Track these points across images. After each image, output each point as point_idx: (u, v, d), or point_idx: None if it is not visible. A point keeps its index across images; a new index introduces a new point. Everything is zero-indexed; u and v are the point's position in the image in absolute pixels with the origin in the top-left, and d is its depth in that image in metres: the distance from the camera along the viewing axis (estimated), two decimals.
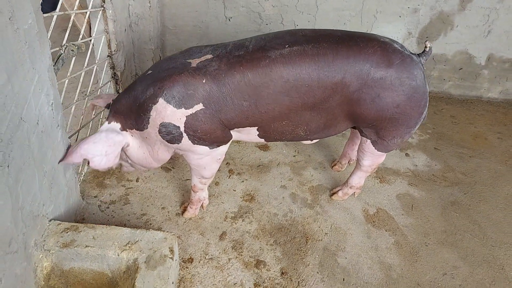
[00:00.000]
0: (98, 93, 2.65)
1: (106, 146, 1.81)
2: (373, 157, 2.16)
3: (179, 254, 1.98)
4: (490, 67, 3.48)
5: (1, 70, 1.28)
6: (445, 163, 2.83)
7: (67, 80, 2.06)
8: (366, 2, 3.18)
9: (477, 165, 2.85)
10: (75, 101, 2.20)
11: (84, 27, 2.31)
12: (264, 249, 2.08)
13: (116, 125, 1.89)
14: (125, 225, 2.12)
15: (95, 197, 2.28)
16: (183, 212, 2.25)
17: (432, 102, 3.59)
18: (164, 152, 2.00)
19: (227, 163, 2.64)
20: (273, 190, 2.46)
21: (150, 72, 1.87)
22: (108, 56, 2.79)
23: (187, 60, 1.83)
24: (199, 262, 1.98)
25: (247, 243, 2.10)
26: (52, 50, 1.73)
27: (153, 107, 1.77)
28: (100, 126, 1.94)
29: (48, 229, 1.71)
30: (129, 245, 1.68)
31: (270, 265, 2.00)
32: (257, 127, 1.93)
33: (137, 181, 2.42)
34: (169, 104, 1.76)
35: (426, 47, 1.91)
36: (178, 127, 1.81)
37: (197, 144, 1.89)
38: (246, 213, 2.28)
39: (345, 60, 1.78)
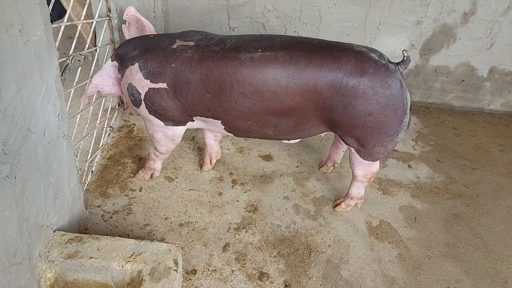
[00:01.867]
0: (103, 103, 2.66)
1: (112, 78, 2.09)
2: (363, 166, 2.18)
3: (182, 265, 1.98)
4: (492, 80, 3.49)
5: (11, 82, 1.29)
6: (448, 175, 2.84)
7: (73, 90, 2.07)
8: (370, 14, 3.20)
9: (479, 177, 2.85)
10: (80, 110, 2.21)
11: (90, 37, 2.32)
12: (267, 261, 2.08)
13: (116, 64, 2.10)
14: (128, 236, 2.11)
15: (98, 206, 2.27)
16: (135, 174, 2.51)
17: (434, 113, 3.60)
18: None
19: (230, 173, 2.65)
20: (276, 201, 2.46)
21: (151, 37, 2.08)
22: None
23: (175, 39, 1.99)
24: (202, 273, 1.97)
25: (250, 255, 2.10)
26: (59, 60, 1.74)
27: (129, 66, 1.98)
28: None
29: (52, 240, 1.71)
30: (134, 257, 1.68)
31: (274, 277, 2.00)
32: (220, 121, 2.06)
33: (140, 190, 2.42)
34: (141, 71, 1.96)
35: (404, 56, 1.90)
36: (140, 94, 2.01)
37: (152, 116, 2.08)
38: (249, 224, 2.28)
39: (318, 69, 1.82)
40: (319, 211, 2.42)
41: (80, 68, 2.13)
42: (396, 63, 1.90)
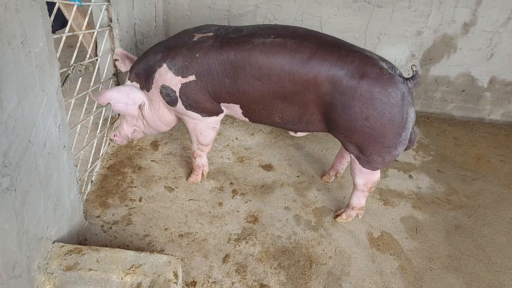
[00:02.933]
0: (103, 112, 2.66)
1: (127, 97, 2.16)
2: (363, 175, 2.18)
3: (182, 277, 1.96)
4: (492, 90, 3.50)
5: (12, 94, 1.28)
6: (449, 186, 2.83)
7: (73, 100, 2.07)
8: (370, 24, 3.22)
9: (480, 188, 2.84)
10: (80, 120, 2.20)
11: (91, 47, 2.32)
12: (268, 272, 2.06)
13: (136, 85, 2.23)
14: (128, 246, 2.10)
15: (97, 217, 2.26)
16: (187, 178, 2.60)
17: (435, 123, 3.60)
18: (168, 115, 2.31)
19: (230, 183, 2.64)
20: (277, 211, 2.45)
21: (166, 40, 2.22)
22: (113, 74, 2.80)
23: (194, 34, 2.12)
24: (202, 285, 1.95)
25: (250, 267, 2.08)
26: (60, 71, 1.74)
27: (157, 69, 2.10)
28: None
29: (51, 252, 1.70)
30: (133, 269, 1.67)
31: None
32: (239, 105, 2.16)
33: (140, 201, 2.41)
34: (170, 70, 2.08)
35: (413, 71, 1.89)
36: (175, 92, 2.12)
37: (189, 110, 2.19)
38: (249, 235, 2.27)
39: (320, 62, 1.90)
40: (320, 222, 2.41)
41: (81, 78, 2.13)
42: (406, 78, 1.89)
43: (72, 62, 2.01)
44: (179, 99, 2.15)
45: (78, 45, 2.10)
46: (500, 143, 3.41)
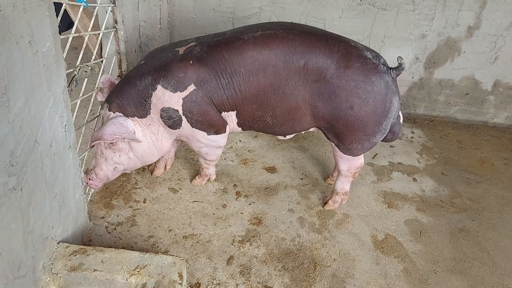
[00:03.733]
0: None
1: (124, 127, 2.00)
2: (345, 161, 2.27)
3: (186, 278, 1.95)
4: (496, 93, 3.50)
5: (19, 93, 1.29)
6: (453, 189, 2.82)
7: (79, 101, 2.07)
8: (375, 27, 3.22)
9: (484, 191, 2.83)
10: (85, 121, 2.20)
11: (96, 48, 2.33)
12: (272, 274, 2.06)
13: (120, 114, 2.07)
14: (132, 248, 2.09)
15: (102, 218, 2.26)
16: (191, 180, 2.56)
17: (439, 126, 3.60)
18: (166, 140, 2.19)
19: (234, 185, 2.63)
20: (281, 213, 2.45)
21: (143, 62, 2.10)
22: (118, 76, 2.80)
23: (175, 49, 2.06)
24: (207, 287, 1.95)
25: (254, 268, 2.08)
26: (66, 71, 1.74)
27: (152, 94, 1.99)
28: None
29: (56, 252, 1.69)
30: (138, 270, 1.66)
31: None
32: (235, 112, 2.12)
33: (144, 202, 2.41)
34: (167, 89, 1.98)
35: (398, 62, 1.98)
36: (177, 111, 2.02)
37: (195, 128, 2.10)
38: (253, 237, 2.26)
39: (309, 49, 1.94)
40: (324, 224, 2.40)
41: (86, 79, 2.13)
42: (391, 67, 1.98)
43: (78, 63, 2.01)
44: (183, 118, 2.05)
45: (84, 46, 2.11)
46: (504, 146, 3.40)
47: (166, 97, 1.99)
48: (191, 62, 1.98)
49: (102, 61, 2.50)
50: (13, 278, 1.35)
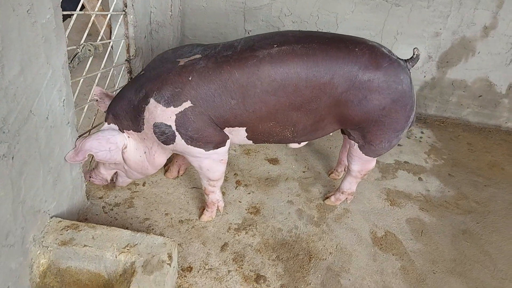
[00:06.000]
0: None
1: (109, 143, 1.91)
2: (361, 162, 2.20)
3: (178, 262, 1.95)
4: (511, 96, 3.41)
5: (15, 61, 1.29)
6: (459, 190, 2.76)
7: (82, 80, 2.07)
8: (387, 23, 3.17)
9: (491, 194, 2.76)
10: (88, 101, 2.21)
11: (103, 28, 2.34)
12: (265, 263, 2.03)
13: (115, 126, 1.98)
14: (127, 228, 2.08)
15: (100, 198, 2.26)
16: (200, 216, 2.25)
17: (449, 128, 3.52)
18: (161, 155, 2.06)
19: (235, 173, 2.62)
20: (279, 204, 2.42)
21: (142, 73, 1.95)
22: (126, 60, 2.80)
23: (176, 59, 1.88)
24: (198, 271, 1.94)
25: (248, 256, 2.06)
26: (69, 48, 1.75)
27: (145, 108, 1.84)
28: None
29: (48, 226, 1.70)
30: (128, 248, 1.66)
31: (271, 280, 1.95)
32: (245, 128, 1.95)
33: (143, 185, 2.41)
34: (159, 103, 1.81)
35: (414, 53, 1.94)
36: (170, 126, 1.85)
37: (191, 145, 1.91)
38: (250, 225, 2.24)
39: (334, 61, 1.82)
40: (323, 217, 2.37)
41: (90, 59, 2.14)
42: (405, 60, 1.93)
43: (82, 41, 2.02)
44: (177, 134, 1.86)
45: (89, 25, 2.11)
46: None
47: (158, 112, 1.82)
48: (190, 78, 1.80)
49: (109, 43, 2.51)
50: (0, 246, 1.35)
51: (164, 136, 1.88)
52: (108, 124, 1.98)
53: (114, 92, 2.67)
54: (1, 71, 1.23)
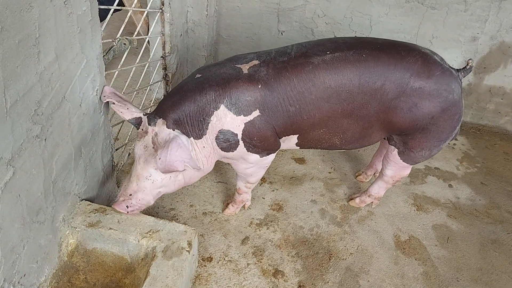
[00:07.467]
0: (148, 90, 2.77)
1: (189, 152, 1.74)
2: (397, 168, 2.15)
3: (199, 252, 2.00)
4: None
5: (50, 48, 1.37)
6: (491, 200, 2.66)
7: (116, 72, 2.17)
8: (422, 26, 3.11)
9: None
10: (123, 92, 2.31)
11: (140, 24, 2.43)
12: (284, 259, 2.05)
13: (179, 133, 1.81)
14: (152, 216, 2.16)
15: None
16: (224, 209, 2.30)
17: (485, 136, 3.41)
18: (213, 163, 1.97)
19: None
20: (303, 203, 2.43)
21: (199, 76, 1.86)
22: (161, 57, 2.91)
23: (237, 66, 1.85)
24: (218, 262, 1.98)
25: (268, 251, 2.08)
26: (104, 41, 1.84)
27: (214, 113, 1.78)
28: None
29: (77, 208, 1.79)
30: (150, 233, 1.72)
31: (288, 276, 1.97)
32: (298, 135, 1.95)
33: None
34: (230, 111, 1.78)
35: (467, 64, 1.91)
36: (236, 135, 1.82)
37: (250, 152, 1.90)
38: (271, 221, 2.27)
39: (386, 67, 1.80)
40: (345, 218, 2.36)
41: (126, 52, 2.23)
42: (457, 69, 1.90)
43: (118, 35, 2.11)
44: (240, 143, 1.84)
45: (126, 20, 2.21)
46: None
47: (227, 119, 1.78)
48: (259, 86, 1.78)
49: (146, 39, 2.61)
50: (31, 221, 1.44)
51: (227, 143, 1.84)
52: (173, 130, 1.80)
53: (151, 102, 2.77)
54: (37, 56, 1.32)
